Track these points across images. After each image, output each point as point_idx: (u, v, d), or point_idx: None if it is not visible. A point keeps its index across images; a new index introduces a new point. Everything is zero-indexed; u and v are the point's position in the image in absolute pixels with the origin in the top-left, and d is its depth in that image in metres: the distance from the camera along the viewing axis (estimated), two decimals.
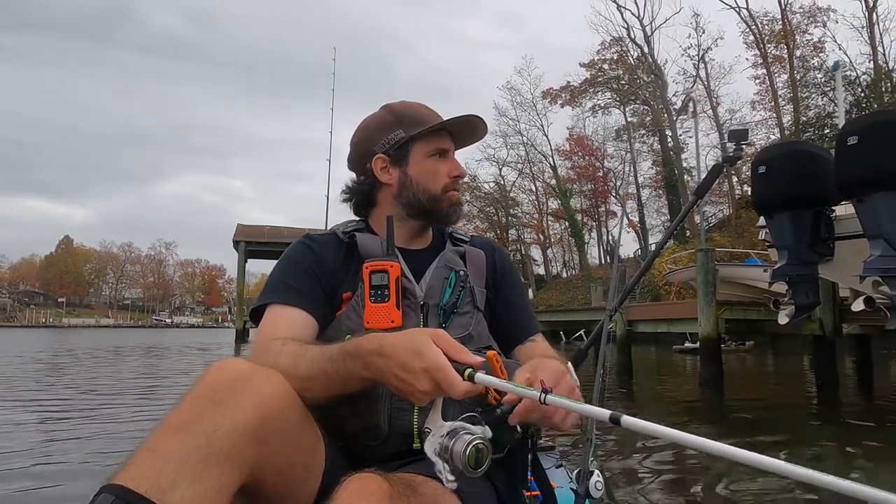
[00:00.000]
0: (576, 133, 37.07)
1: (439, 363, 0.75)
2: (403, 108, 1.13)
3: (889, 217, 4.00)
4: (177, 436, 0.68)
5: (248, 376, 0.75)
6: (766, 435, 5.01)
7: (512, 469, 1.02)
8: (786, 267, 4.79)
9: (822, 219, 4.76)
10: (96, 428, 4.50)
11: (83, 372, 9.90)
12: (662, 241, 2.55)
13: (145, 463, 0.66)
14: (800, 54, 28.84)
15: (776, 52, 30.01)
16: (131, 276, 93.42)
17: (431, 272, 1.07)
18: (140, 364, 12.19)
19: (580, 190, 38.05)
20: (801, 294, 4.79)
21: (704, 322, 6.64)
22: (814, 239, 4.77)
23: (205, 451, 0.68)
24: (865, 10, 25.62)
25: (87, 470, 3.29)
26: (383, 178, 1.11)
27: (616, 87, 33.70)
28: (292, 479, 0.82)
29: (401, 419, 0.95)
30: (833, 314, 6.22)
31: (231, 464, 0.70)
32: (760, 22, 30.15)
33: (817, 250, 4.79)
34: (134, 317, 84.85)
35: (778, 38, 29.38)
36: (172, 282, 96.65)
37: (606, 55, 33.15)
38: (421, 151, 1.10)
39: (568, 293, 30.57)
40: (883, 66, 24.11)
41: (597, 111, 35.20)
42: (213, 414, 0.70)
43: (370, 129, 1.13)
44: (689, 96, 27.02)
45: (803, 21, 29.30)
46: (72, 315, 77.10)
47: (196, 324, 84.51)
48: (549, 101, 35.46)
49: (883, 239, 4.01)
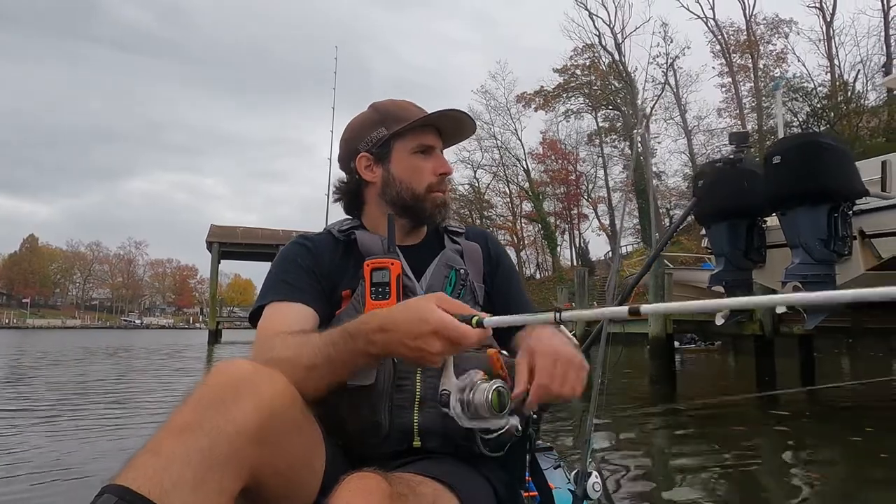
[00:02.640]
0: (549, 137, 37.75)
1: (445, 321, 0.77)
2: (389, 106, 1.13)
3: (808, 229, 4.46)
4: (179, 438, 0.69)
5: (251, 377, 0.75)
6: (712, 426, 5.46)
7: (510, 470, 1.03)
8: (722, 273, 5.24)
9: (755, 229, 5.22)
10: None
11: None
12: (662, 243, 2.78)
13: (147, 464, 0.66)
14: (763, 64, 29.99)
15: (741, 61, 31.15)
16: (99, 276, 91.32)
17: (432, 271, 1.07)
18: (111, 367, 12.15)
19: (553, 193, 38.71)
20: None
21: (654, 323, 7.11)
22: (748, 247, 5.22)
23: (207, 454, 0.68)
24: (823, 23, 26.80)
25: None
26: (367, 177, 1.11)
27: (588, 93, 34.48)
28: (293, 480, 0.82)
29: (401, 416, 0.95)
30: (772, 316, 6.74)
31: (233, 466, 0.70)
32: (726, 32, 31.28)
33: (751, 258, 5.24)
34: (102, 318, 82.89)
35: (743, 47, 30.51)
36: (142, 282, 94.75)
37: (579, 61, 33.96)
38: (404, 148, 1.09)
39: (540, 294, 31.16)
40: (839, 77, 25.29)
41: (570, 116, 35.97)
42: (216, 416, 0.71)
43: (356, 127, 1.14)
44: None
45: (767, 32, 30.52)
46: (36, 316, 75.00)
47: (167, 325, 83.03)
48: (522, 105, 36.08)
49: (802, 248, 4.47)
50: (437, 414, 0.94)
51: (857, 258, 4.60)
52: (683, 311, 0.75)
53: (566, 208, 39.14)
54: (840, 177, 4.43)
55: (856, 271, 4.61)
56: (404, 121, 1.09)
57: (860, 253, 4.60)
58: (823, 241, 4.42)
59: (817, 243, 4.42)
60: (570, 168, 37.81)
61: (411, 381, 0.97)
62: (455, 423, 0.87)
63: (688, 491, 3.16)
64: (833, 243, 4.43)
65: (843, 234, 4.45)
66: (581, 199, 38.51)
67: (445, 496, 0.83)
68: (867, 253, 4.61)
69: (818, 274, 4.41)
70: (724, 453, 4.08)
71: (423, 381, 0.97)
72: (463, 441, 0.95)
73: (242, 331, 45.19)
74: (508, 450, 0.98)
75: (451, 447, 0.96)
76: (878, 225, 4.58)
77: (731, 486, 3.33)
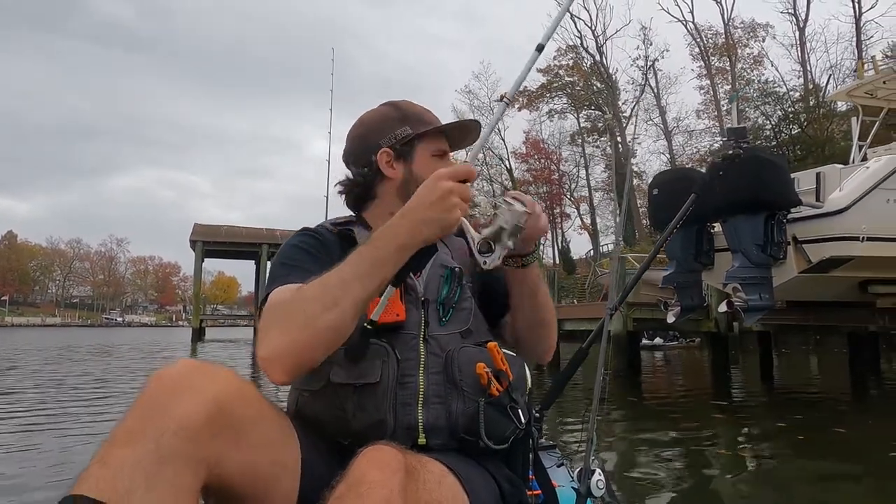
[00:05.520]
0: (532, 136, 38.23)
1: (448, 170, 0.87)
2: (408, 107, 1.16)
3: (746, 235, 4.88)
4: (126, 445, 0.69)
5: (190, 375, 0.76)
6: (671, 414, 5.82)
7: (514, 468, 1.03)
8: (674, 274, 5.66)
9: (704, 234, 5.65)
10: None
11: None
12: (661, 243, 2.98)
13: (98, 475, 0.66)
14: (740, 67, 30.72)
15: (719, 63, 31.87)
16: (80, 273, 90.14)
17: (428, 269, 1.07)
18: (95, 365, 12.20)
19: (536, 192, 39.19)
20: (686, 297, 5.66)
21: (616, 320, 7.53)
22: (698, 250, 5.64)
23: (155, 455, 0.68)
24: (796, 29, 27.56)
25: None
26: (388, 172, 1.11)
27: (571, 93, 34.99)
28: (262, 477, 0.81)
29: (406, 414, 0.95)
30: (725, 315, 7.20)
31: (184, 462, 0.70)
32: (705, 35, 31.96)
33: (700, 260, 5.66)
34: (83, 315, 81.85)
35: (721, 50, 31.21)
36: (124, 279, 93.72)
37: (562, 61, 34.44)
38: (426, 150, 1.12)
39: None
40: (811, 81, 26.05)
41: (553, 115, 36.45)
42: (158, 418, 0.71)
43: (374, 123, 1.14)
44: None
45: (744, 36, 31.26)
46: (15, 314, 73.94)
47: (149, 322, 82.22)
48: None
49: (742, 253, 4.89)
50: (441, 411, 0.96)
51: (791, 262, 5.05)
52: None
53: (549, 207, 39.69)
54: (776, 188, 4.87)
55: (790, 273, 5.06)
56: (426, 123, 1.13)
57: (793, 257, 5.04)
58: (761, 247, 4.85)
59: (755, 248, 4.84)
60: (552, 167, 38.34)
61: (415, 378, 0.97)
62: (459, 419, 0.95)
63: (698, 489, 3.25)
64: (769, 248, 4.86)
65: (779, 240, 4.88)
66: (563, 199, 39.10)
67: (450, 478, 0.86)
68: (799, 257, 5.06)
69: (755, 276, 4.83)
70: (678, 445, 4.37)
71: (427, 377, 0.97)
72: (468, 436, 0.95)
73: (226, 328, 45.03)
74: (511, 447, 0.98)
75: (455, 444, 0.96)
76: (809, 232, 5.03)
77: (745, 486, 3.44)
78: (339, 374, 0.95)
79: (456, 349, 0.99)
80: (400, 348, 0.97)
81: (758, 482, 3.52)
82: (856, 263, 5.04)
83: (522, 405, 1.00)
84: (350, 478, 0.73)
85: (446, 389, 0.96)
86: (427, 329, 1.00)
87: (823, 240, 4.93)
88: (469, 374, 0.97)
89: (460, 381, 0.97)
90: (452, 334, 1.02)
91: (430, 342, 1.00)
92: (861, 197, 4.88)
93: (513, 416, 0.97)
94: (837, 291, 5.69)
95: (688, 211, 2.75)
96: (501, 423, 0.96)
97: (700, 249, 5.64)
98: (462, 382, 0.96)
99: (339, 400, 0.94)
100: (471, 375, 0.96)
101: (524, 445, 1.05)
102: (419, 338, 1.00)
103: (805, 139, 21.14)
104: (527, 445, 1.06)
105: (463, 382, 0.96)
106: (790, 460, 4.02)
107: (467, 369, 0.97)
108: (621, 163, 30.62)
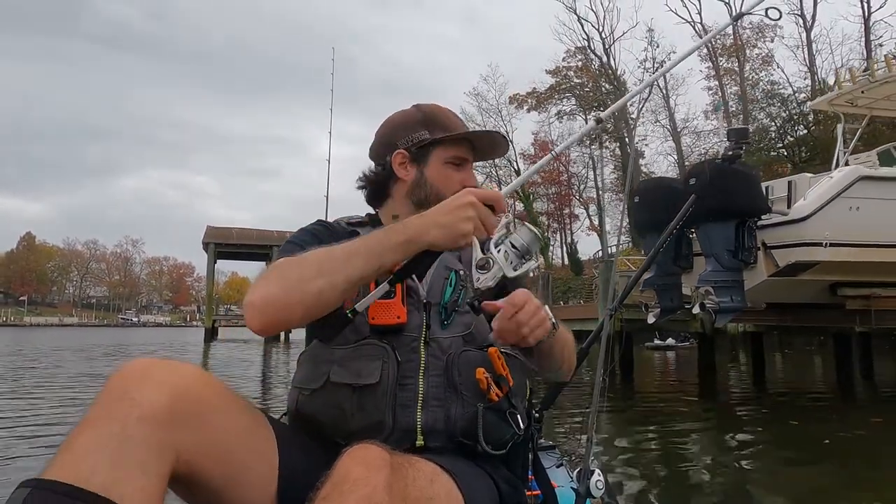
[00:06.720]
0: (541, 138, 38.43)
1: (477, 190, 0.90)
2: (433, 111, 1.16)
3: (718, 241, 5.19)
4: (91, 431, 0.70)
5: (151, 369, 0.77)
6: (671, 414, 6.03)
7: (513, 468, 1.04)
8: (654, 277, 5.96)
9: (682, 239, 5.94)
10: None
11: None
12: (661, 243, 3.15)
13: (63, 460, 0.68)
14: (749, 68, 30.75)
15: (727, 64, 31.91)
16: (96, 274, 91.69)
17: (432, 272, 1.07)
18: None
19: (545, 193, 39.37)
20: (665, 299, 5.96)
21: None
22: (677, 254, 5.94)
23: (120, 438, 0.69)
24: (803, 30, 27.55)
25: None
26: (400, 173, 1.12)
27: (580, 94, 35.16)
28: (235, 464, 0.82)
29: (405, 415, 0.95)
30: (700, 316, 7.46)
31: (150, 448, 0.71)
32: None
33: (679, 264, 5.96)
34: (99, 316, 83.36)
35: (730, 51, 31.24)
36: (139, 280, 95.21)
37: (571, 63, 34.64)
38: (440, 156, 1.12)
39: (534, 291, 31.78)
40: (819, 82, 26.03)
41: (561, 117, 36.64)
42: (123, 406, 0.72)
43: (397, 123, 1.16)
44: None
45: (753, 36, 31.27)
46: (34, 314, 75.50)
47: (164, 323, 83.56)
48: (515, 107, 36.70)
49: (714, 258, 5.21)
50: (440, 414, 0.96)
51: (761, 266, 5.36)
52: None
53: (558, 208, 39.83)
54: (747, 196, 5.17)
55: (759, 277, 5.37)
56: (448, 129, 1.13)
57: (763, 261, 5.35)
58: (732, 252, 5.16)
59: (726, 253, 5.16)
60: (561, 169, 38.52)
61: (415, 380, 0.97)
62: (458, 423, 0.95)
63: (698, 489, 3.27)
64: (740, 253, 5.18)
65: (749, 246, 5.20)
66: (573, 200, 39.25)
67: (444, 477, 0.85)
68: (768, 261, 5.36)
69: (727, 279, 5.15)
70: (664, 443, 4.53)
71: (427, 379, 0.98)
72: (466, 440, 0.96)
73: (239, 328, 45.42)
74: (511, 448, 0.99)
75: (454, 446, 0.96)
76: (776, 238, 5.33)
77: (746, 486, 3.44)
78: (338, 373, 0.96)
79: (457, 353, 1.00)
80: (401, 350, 0.98)
81: (757, 482, 3.54)
82: (822, 267, 5.32)
83: (522, 410, 1.01)
84: (335, 476, 0.74)
85: (446, 392, 0.97)
86: (428, 332, 1.01)
87: (789, 245, 5.23)
88: (468, 378, 0.97)
89: (460, 384, 0.97)
90: (454, 338, 1.03)
91: (432, 345, 1.00)
92: (824, 205, 5.16)
93: (511, 421, 0.97)
94: (809, 293, 5.96)
95: (688, 211, 3.00)
96: (500, 428, 0.97)
97: (679, 253, 5.92)
98: (461, 386, 0.97)
99: (337, 399, 0.95)
100: (470, 379, 0.97)
101: (524, 446, 1.06)
102: (420, 340, 1.00)
103: (811, 141, 21.18)
104: (526, 446, 1.08)
105: (462, 386, 0.97)
106: (790, 460, 4.06)
107: (467, 373, 0.98)
108: (628, 163, 30.87)
